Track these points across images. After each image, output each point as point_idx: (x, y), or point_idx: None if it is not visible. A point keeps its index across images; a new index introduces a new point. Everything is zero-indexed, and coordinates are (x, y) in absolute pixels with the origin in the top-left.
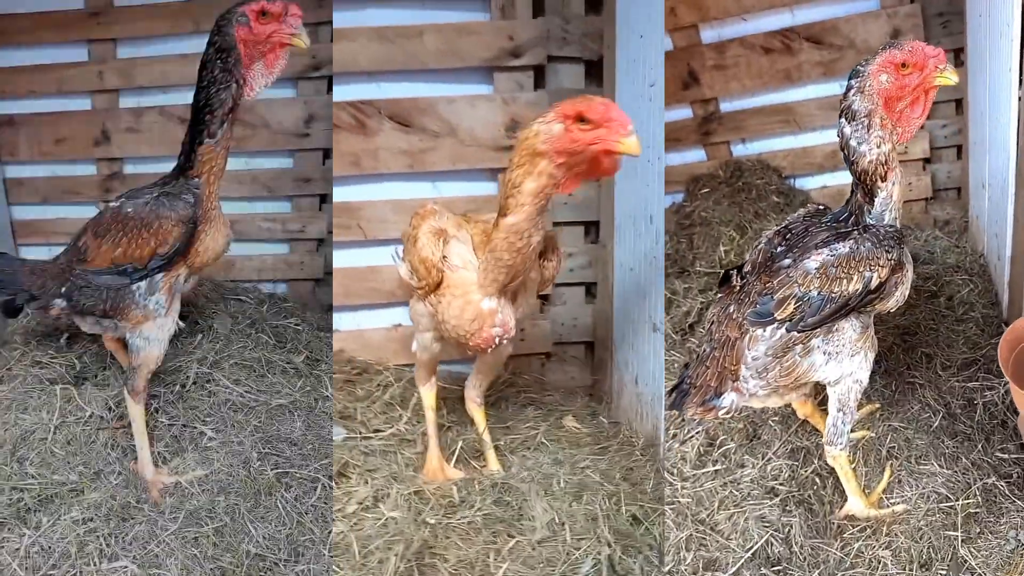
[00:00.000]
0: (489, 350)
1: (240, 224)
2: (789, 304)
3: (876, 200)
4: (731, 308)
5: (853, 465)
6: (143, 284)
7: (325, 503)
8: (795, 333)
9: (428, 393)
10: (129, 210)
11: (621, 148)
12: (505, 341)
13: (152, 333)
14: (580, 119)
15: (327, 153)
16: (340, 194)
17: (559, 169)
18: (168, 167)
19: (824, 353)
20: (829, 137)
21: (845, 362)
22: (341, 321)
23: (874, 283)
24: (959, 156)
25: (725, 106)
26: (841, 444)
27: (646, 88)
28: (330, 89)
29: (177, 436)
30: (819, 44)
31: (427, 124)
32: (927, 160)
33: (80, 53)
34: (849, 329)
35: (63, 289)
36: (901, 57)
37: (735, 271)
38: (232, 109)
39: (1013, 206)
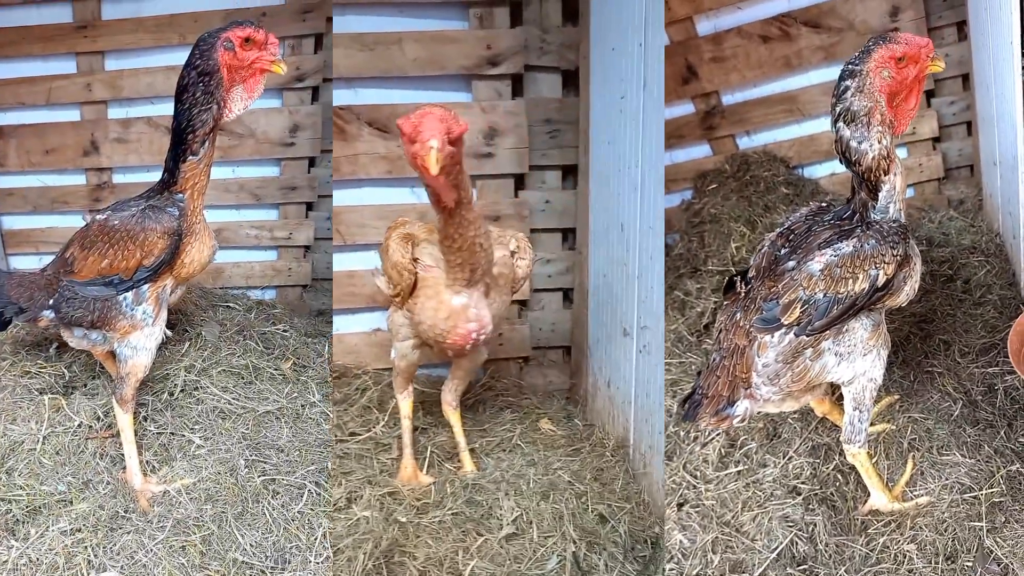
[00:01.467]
0: (467, 347)
1: (228, 232)
2: (795, 308)
3: (880, 194)
4: (737, 315)
5: (874, 459)
6: (130, 295)
7: (312, 509)
8: (804, 337)
9: (405, 402)
10: (115, 222)
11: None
12: (483, 338)
13: (140, 343)
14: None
15: (312, 161)
16: None
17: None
18: (157, 176)
19: (836, 355)
20: None
21: (858, 361)
22: None
23: (880, 280)
24: (969, 133)
25: (727, 99)
26: (860, 442)
27: (618, 99)
28: (315, 99)
29: (165, 444)
30: (818, 28)
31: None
32: (936, 139)
33: (68, 65)
34: (859, 328)
35: (51, 301)
36: (901, 51)
37: (739, 277)
38: (213, 129)
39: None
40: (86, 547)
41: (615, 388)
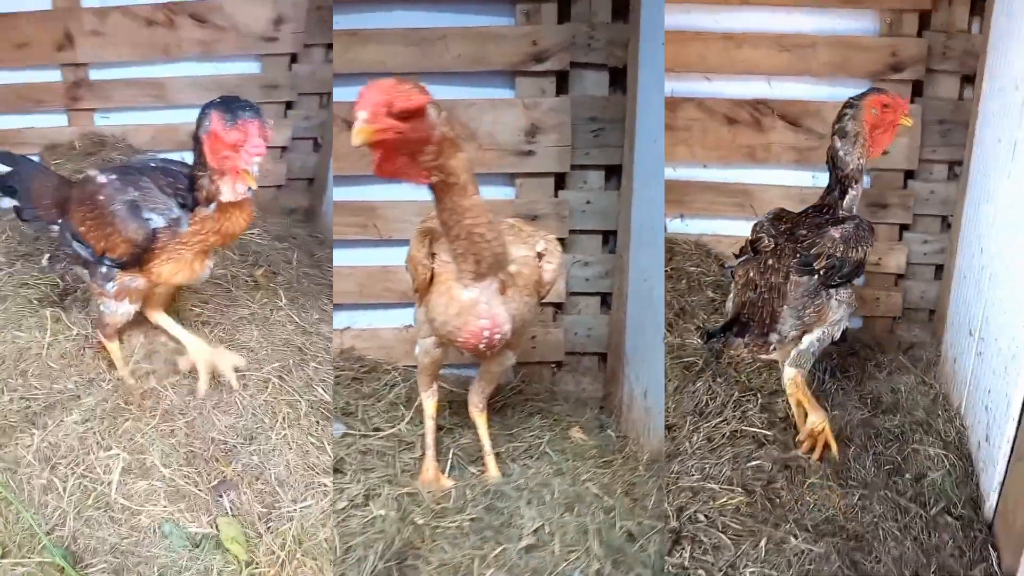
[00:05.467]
0: (481, 347)
1: None
2: (823, 259)
3: (847, 198)
4: (770, 261)
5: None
6: (104, 268)
7: (274, 398)
8: (814, 279)
9: (429, 401)
10: (102, 197)
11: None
12: (497, 338)
13: (110, 307)
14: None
15: (294, 58)
16: (358, 193)
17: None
18: (135, 73)
19: (836, 300)
20: None
21: (841, 309)
22: (354, 319)
23: (863, 255)
24: (936, 276)
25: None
26: (806, 368)
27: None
28: None
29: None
30: (796, 127)
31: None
32: (901, 276)
33: None
34: (849, 286)
35: (59, 221)
36: (887, 99)
37: (749, 245)
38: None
39: None
40: (94, 432)
41: (653, 399)
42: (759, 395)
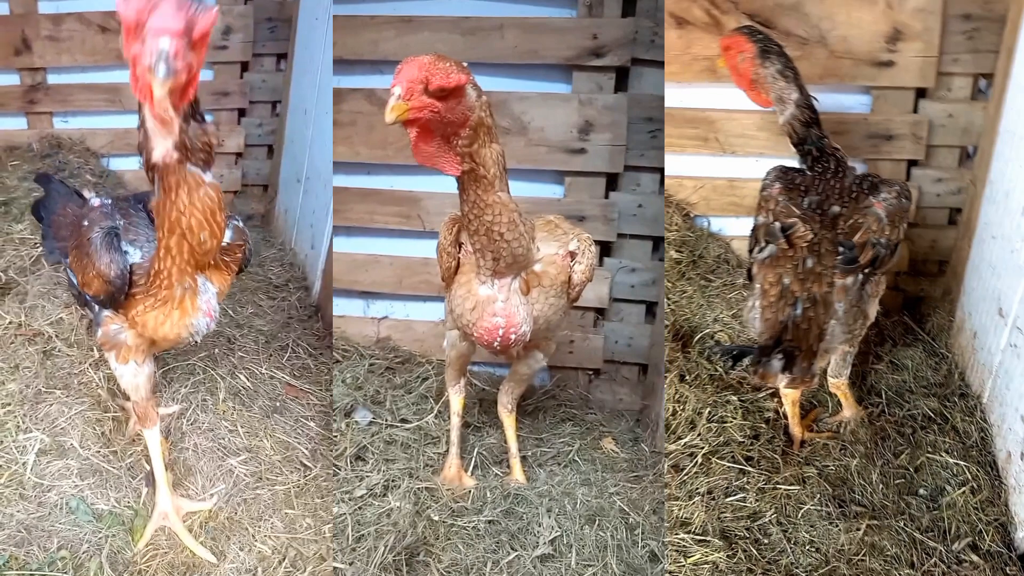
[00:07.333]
0: (496, 344)
1: None
2: (868, 250)
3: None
4: (808, 263)
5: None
6: (96, 307)
7: (195, 389)
8: (859, 277)
9: (456, 398)
10: (85, 223)
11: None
12: (513, 336)
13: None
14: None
15: (245, 66)
16: (403, 183)
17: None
18: (91, 78)
19: (867, 295)
20: None
21: (875, 305)
22: (392, 309)
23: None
24: (951, 221)
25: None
26: (846, 375)
27: None
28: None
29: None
30: None
31: (497, 120)
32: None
33: None
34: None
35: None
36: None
37: (779, 230)
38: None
39: None
40: (15, 416)
41: None
42: (737, 395)
